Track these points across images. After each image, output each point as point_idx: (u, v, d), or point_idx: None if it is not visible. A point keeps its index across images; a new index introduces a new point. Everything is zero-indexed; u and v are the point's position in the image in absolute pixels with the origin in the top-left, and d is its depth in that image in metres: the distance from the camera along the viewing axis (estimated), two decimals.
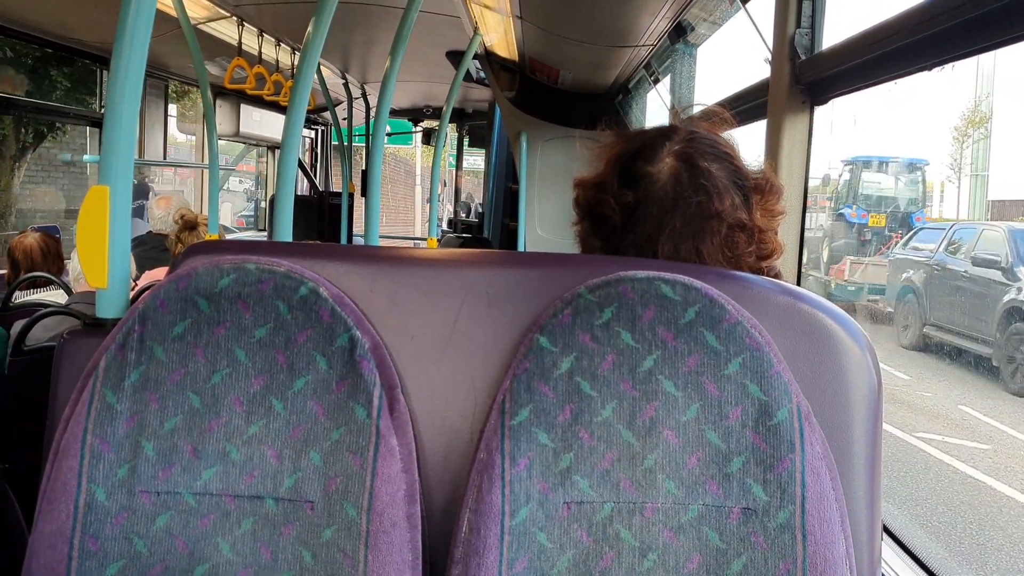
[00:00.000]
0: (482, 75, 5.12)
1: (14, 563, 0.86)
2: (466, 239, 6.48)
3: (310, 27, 1.99)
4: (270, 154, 7.21)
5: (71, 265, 2.77)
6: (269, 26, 4.33)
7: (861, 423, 0.86)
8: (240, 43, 4.16)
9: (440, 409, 0.88)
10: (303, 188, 7.34)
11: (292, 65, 4.76)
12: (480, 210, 8.12)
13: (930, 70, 1.32)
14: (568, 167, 4.31)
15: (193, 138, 7.76)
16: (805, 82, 1.68)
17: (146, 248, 3.41)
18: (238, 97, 5.74)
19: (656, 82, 3.79)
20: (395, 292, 0.90)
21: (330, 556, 0.82)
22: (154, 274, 2.86)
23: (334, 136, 7.37)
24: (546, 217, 4.61)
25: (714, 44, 3.14)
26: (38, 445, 0.92)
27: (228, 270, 0.86)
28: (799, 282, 1.81)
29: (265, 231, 6.95)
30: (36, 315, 1.94)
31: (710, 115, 1.04)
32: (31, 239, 3.11)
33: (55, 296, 2.83)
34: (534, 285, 0.89)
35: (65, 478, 0.83)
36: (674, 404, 0.82)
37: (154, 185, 8.30)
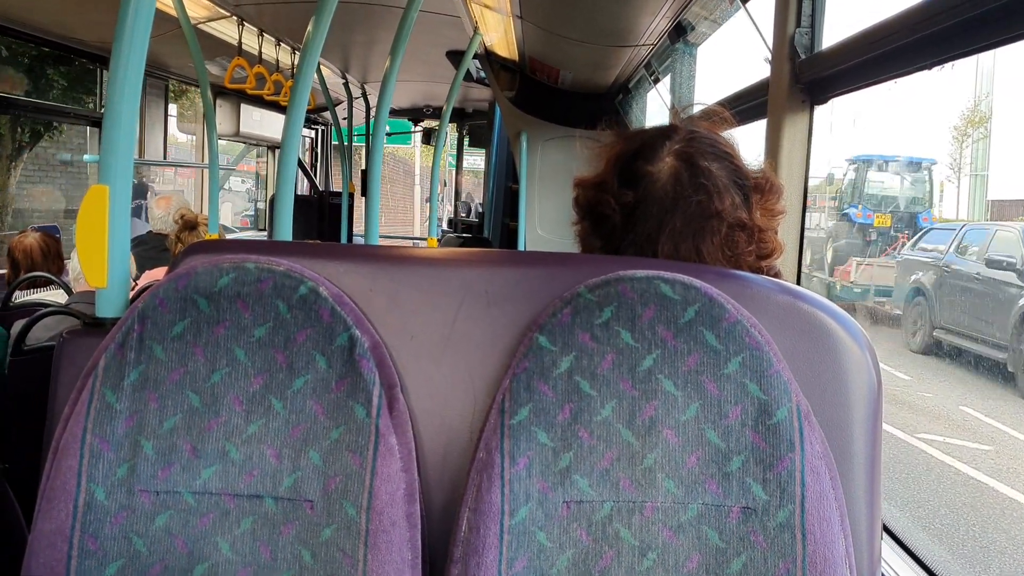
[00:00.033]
0: (482, 75, 5.11)
1: (14, 562, 0.86)
2: (466, 239, 6.48)
3: (310, 27, 1.99)
4: (270, 154, 7.21)
5: (71, 265, 2.77)
6: (269, 26, 4.33)
7: (861, 422, 0.86)
8: (240, 43, 4.16)
9: (439, 408, 0.88)
10: (303, 188, 7.34)
11: (292, 65, 4.75)
12: (480, 210, 8.11)
13: (930, 69, 1.32)
14: (568, 167, 4.31)
15: (193, 138, 7.76)
16: (805, 81, 1.68)
17: (146, 248, 3.41)
18: (238, 97, 5.74)
19: (656, 82, 3.79)
20: (395, 291, 0.90)
21: (329, 555, 0.82)
22: (154, 274, 2.86)
23: (334, 136, 7.36)
24: (546, 217, 4.61)
25: (714, 44, 3.14)
26: (38, 445, 0.92)
27: (227, 269, 0.86)
28: (799, 281, 1.81)
29: (265, 231, 6.95)
30: (36, 315, 1.93)
31: (710, 115, 1.04)
32: (31, 239, 3.11)
33: (55, 296, 2.82)
34: (534, 284, 0.89)
35: (65, 477, 0.83)
36: (674, 403, 0.82)
37: (154, 185, 8.31)
